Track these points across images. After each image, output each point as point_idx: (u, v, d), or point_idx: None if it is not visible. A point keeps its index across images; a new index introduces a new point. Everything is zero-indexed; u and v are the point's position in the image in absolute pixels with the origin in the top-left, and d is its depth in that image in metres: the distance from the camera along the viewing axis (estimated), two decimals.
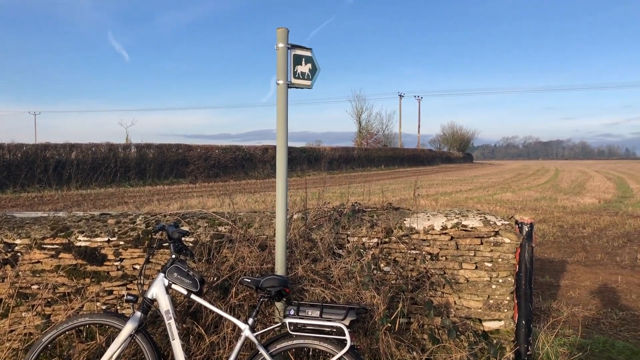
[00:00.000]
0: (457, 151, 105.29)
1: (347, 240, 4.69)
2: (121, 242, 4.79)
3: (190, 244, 4.62)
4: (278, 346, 3.44)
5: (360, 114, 78.32)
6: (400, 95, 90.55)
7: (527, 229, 4.52)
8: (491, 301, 4.53)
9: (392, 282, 4.37)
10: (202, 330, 4.07)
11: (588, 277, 8.90)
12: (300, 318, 3.40)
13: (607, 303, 7.34)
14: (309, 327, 3.39)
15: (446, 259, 4.61)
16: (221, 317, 3.82)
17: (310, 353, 3.93)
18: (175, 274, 3.60)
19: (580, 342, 5.27)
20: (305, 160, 49.58)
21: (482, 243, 4.58)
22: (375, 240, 4.66)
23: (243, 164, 41.57)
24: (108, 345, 3.69)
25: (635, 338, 5.87)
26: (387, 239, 4.65)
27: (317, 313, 3.40)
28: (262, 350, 3.37)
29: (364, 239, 4.70)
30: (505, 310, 4.50)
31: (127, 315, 3.67)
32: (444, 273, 4.57)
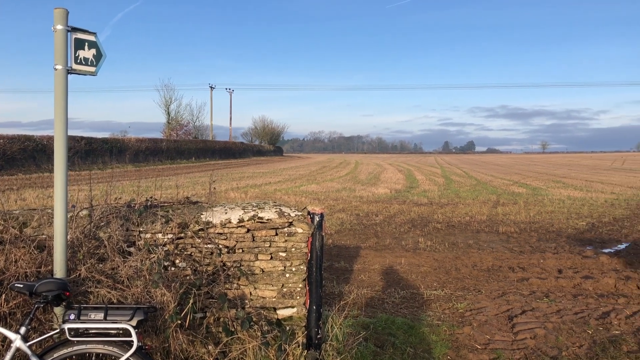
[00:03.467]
0: (268, 144, 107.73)
1: (139, 237, 4.49)
2: None
3: None
4: (55, 355, 3.17)
5: (169, 105, 75.76)
6: (211, 87, 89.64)
7: (317, 219, 4.78)
8: (285, 289, 4.71)
9: (187, 277, 4.29)
10: None
11: (377, 261, 9.76)
12: (81, 322, 3.19)
13: (391, 284, 8.13)
14: (92, 331, 3.19)
15: (243, 251, 4.67)
16: None
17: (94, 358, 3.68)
18: None
19: (366, 321, 5.76)
20: (107, 152, 46.45)
21: (277, 234, 4.73)
22: (170, 236, 4.53)
23: (34, 155, 37.41)
24: None
25: (412, 314, 6.59)
26: (182, 235, 4.55)
27: (101, 315, 3.21)
28: None
29: (158, 235, 4.54)
30: (298, 297, 4.71)
31: None
32: (241, 265, 4.63)
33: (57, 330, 3.32)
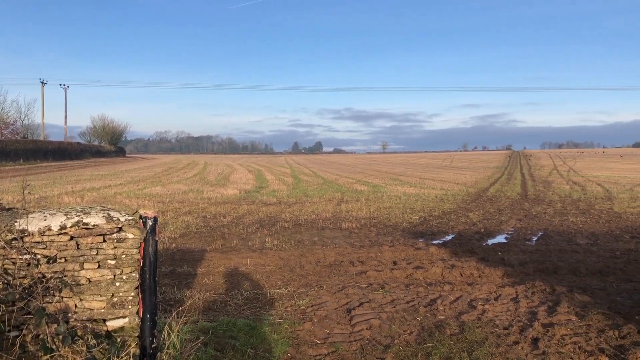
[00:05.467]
0: (109, 145, 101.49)
1: None
2: None
3: None
4: None
5: None
6: (42, 82, 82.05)
7: (151, 223, 4.54)
8: (115, 299, 4.40)
9: None
10: None
11: (223, 263, 9.62)
12: None
13: (235, 285, 8.06)
14: None
15: (66, 260, 4.28)
16: None
17: None
18: None
19: (206, 325, 5.62)
20: None
21: (105, 240, 4.40)
22: None
23: None
24: None
25: (255, 314, 6.58)
26: None
27: None
28: None
29: None
30: (130, 307, 4.44)
31: None
32: (64, 276, 4.24)
33: None
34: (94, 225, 4.36)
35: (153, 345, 4.46)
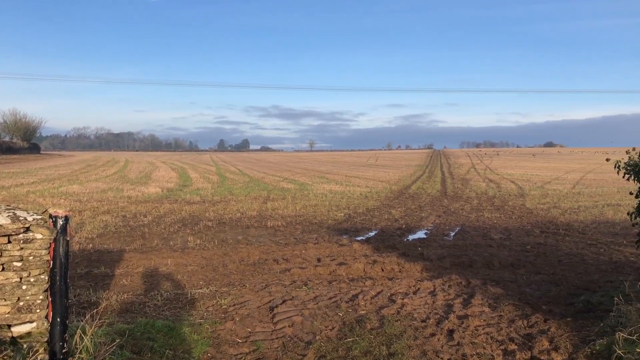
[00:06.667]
0: (22, 141, 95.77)
1: None
2: None
3: None
4: None
5: None
6: None
7: (61, 223, 4.33)
8: (22, 303, 4.17)
9: None
10: None
11: (143, 264, 9.33)
12: None
13: (155, 286, 7.84)
14: None
15: None
16: None
17: None
18: None
19: (123, 328, 5.43)
20: None
21: (10, 242, 4.15)
22: None
23: None
24: None
25: (175, 315, 6.43)
26: None
27: None
28: None
29: None
30: (38, 311, 4.22)
31: None
32: None
33: None
34: None
35: (64, 350, 4.27)
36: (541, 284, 8.14)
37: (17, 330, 4.15)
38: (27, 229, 4.21)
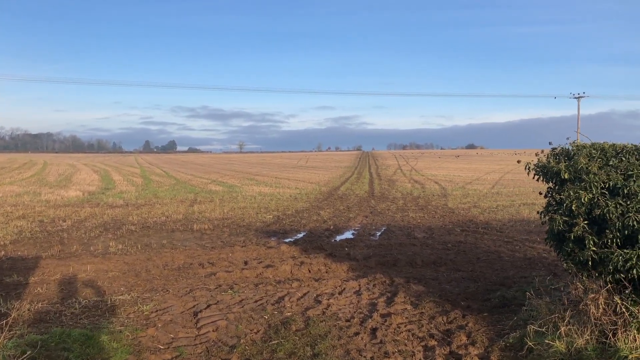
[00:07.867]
0: None
1: None
2: None
3: None
4: None
5: None
6: None
7: None
8: None
9: None
10: None
11: (60, 270, 8.92)
12: None
13: (73, 294, 7.51)
14: None
15: None
16: None
17: None
18: None
19: (35, 338, 5.17)
20: None
21: None
22: None
23: None
24: None
25: (93, 323, 6.19)
26: None
27: None
28: None
29: None
30: None
31: None
32: None
33: None
34: None
35: None
36: (461, 281, 8.47)
37: None
38: None
